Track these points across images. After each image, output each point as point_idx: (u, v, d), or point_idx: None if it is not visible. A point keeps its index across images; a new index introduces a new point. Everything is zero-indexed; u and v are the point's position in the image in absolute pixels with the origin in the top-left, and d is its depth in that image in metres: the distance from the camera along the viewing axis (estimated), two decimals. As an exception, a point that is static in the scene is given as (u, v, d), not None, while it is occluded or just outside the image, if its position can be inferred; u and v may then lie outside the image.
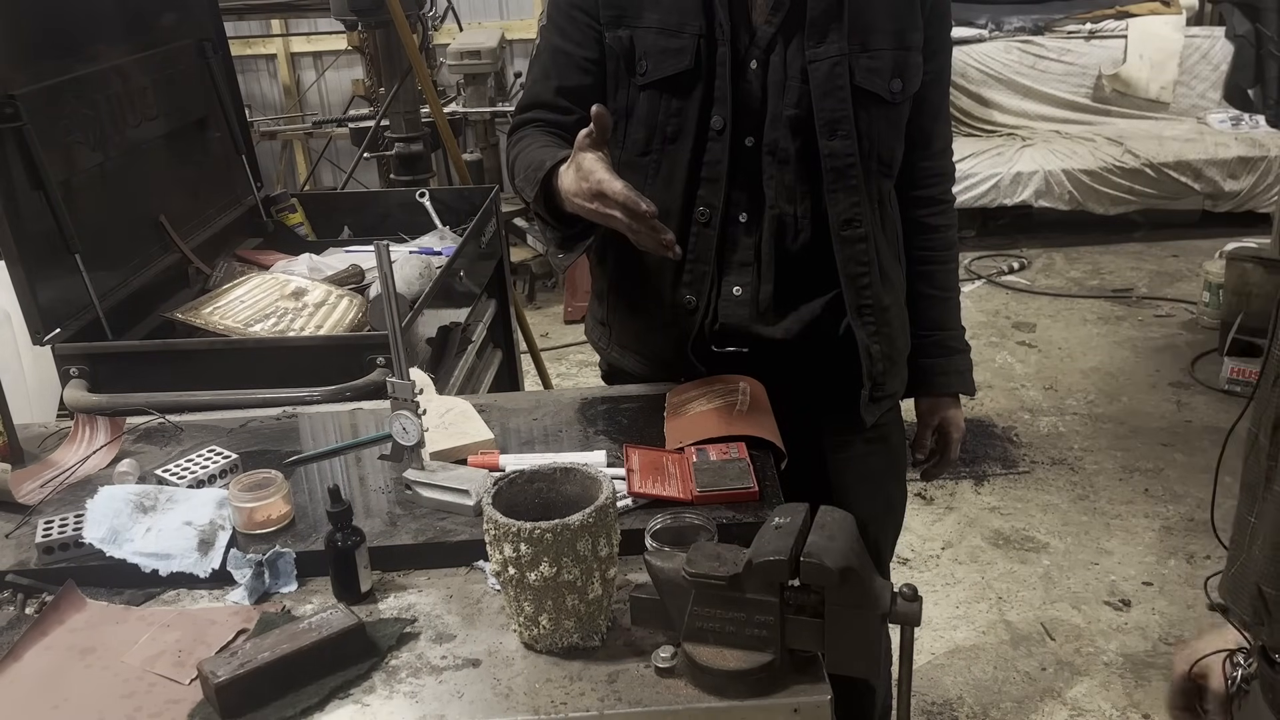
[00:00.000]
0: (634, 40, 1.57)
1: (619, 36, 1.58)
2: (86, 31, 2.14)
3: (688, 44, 1.54)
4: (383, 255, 1.33)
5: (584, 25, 1.60)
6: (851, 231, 1.59)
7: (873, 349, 1.64)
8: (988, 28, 6.19)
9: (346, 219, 2.80)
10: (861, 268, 1.61)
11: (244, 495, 1.34)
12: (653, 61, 1.56)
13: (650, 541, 1.18)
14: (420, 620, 1.22)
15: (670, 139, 1.58)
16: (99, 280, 2.01)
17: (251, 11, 5.34)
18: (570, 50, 1.62)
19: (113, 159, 2.15)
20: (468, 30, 5.52)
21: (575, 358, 4.83)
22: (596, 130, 1.35)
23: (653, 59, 1.56)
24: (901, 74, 1.58)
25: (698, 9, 1.54)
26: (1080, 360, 4.50)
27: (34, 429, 1.72)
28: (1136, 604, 2.96)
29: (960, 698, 2.65)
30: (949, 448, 1.83)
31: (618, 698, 1.07)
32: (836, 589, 1.02)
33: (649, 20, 1.56)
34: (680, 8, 1.55)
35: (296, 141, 6.54)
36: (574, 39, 1.61)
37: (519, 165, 1.59)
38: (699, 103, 1.55)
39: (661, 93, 1.57)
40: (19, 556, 1.34)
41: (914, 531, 3.32)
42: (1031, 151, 5.75)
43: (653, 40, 1.56)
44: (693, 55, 1.54)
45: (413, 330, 1.97)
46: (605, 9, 1.58)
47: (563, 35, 1.62)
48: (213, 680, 1.06)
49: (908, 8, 1.58)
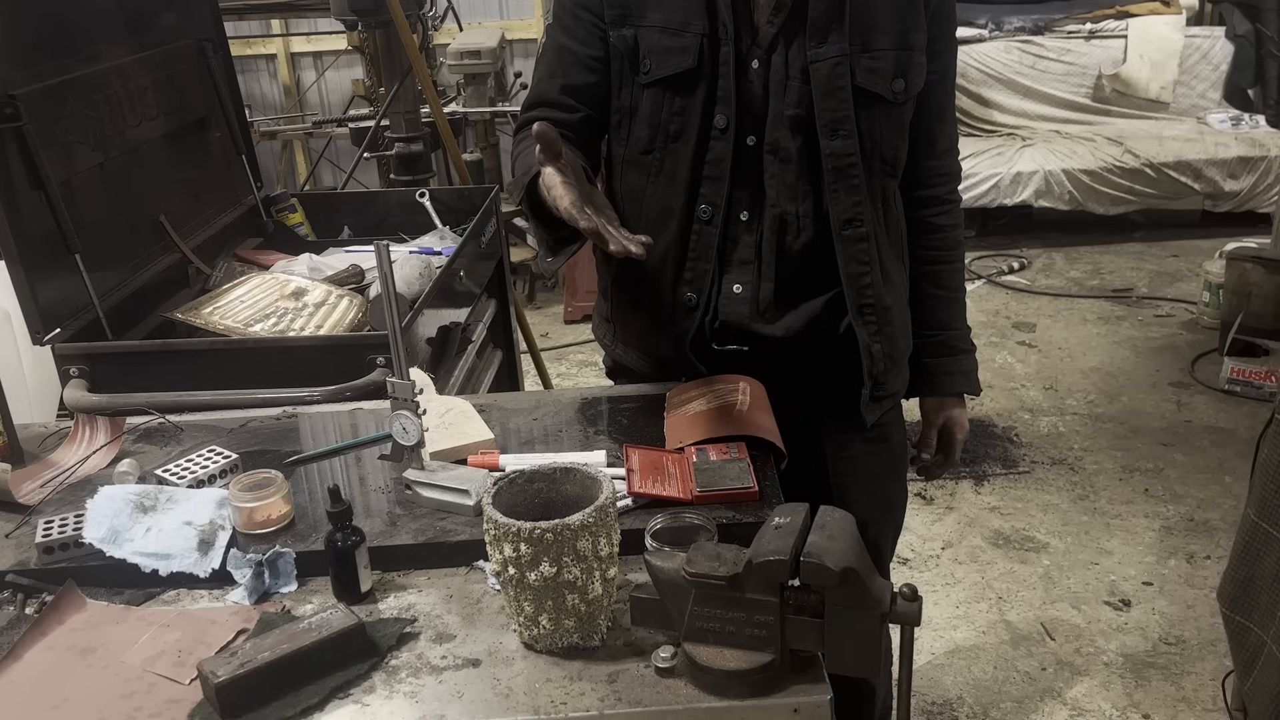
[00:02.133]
0: (638, 39, 1.57)
1: (623, 35, 1.58)
2: (86, 31, 2.14)
3: (691, 43, 1.54)
4: (383, 255, 1.33)
5: (589, 24, 1.61)
6: (853, 231, 1.59)
7: (874, 348, 1.64)
8: (988, 28, 6.19)
9: (346, 219, 2.80)
10: (863, 267, 1.61)
11: (244, 495, 1.34)
12: (656, 60, 1.57)
13: (650, 541, 1.18)
14: (420, 620, 1.22)
15: (673, 137, 1.59)
16: (99, 280, 2.01)
17: (251, 11, 5.34)
18: (575, 48, 1.63)
19: (113, 159, 2.15)
20: (468, 30, 5.52)
21: (575, 358, 4.83)
22: (543, 147, 1.35)
23: (656, 57, 1.57)
24: (904, 74, 1.58)
25: (701, 8, 1.54)
26: (1080, 360, 4.50)
27: (34, 429, 1.72)
28: (1136, 604, 2.96)
29: (960, 698, 2.66)
30: (952, 448, 1.83)
31: (618, 698, 1.07)
32: (836, 589, 1.02)
33: (653, 19, 1.57)
34: (684, 7, 1.55)
35: (296, 141, 6.54)
36: (579, 37, 1.62)
37: (516, 167, 1.61)
38: (702, 101, 1.56)
39: (665, 91, 1.58)
40: (19, 556, 1.34)
41: (914, 531, 3.32)
42: (1031, 151, 5.75)
43: (656, 39, 1.56)
44: (696, 54, 1.54)
45: (413, 330, 1.97)
46: (610, 8, 1.59)
47: (568, 34, 1.63)
48: (213, 680, 1.06)
49: (910, 8, 1.58)
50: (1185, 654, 2.76)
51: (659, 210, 1.62)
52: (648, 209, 1.63)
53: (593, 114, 1.65)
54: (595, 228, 1.30)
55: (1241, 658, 1.57)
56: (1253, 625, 1.51)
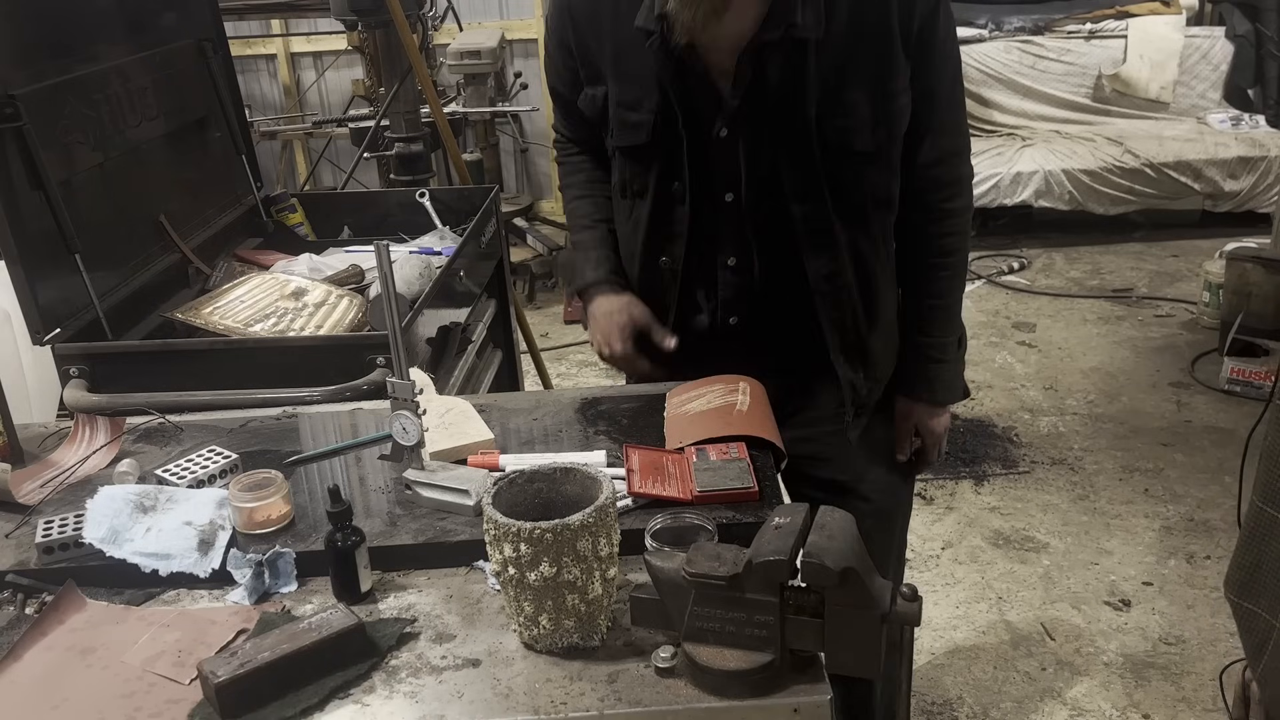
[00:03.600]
0: (606, 100, 1.64)
1: (592, 96, 1.65)
2: (86, 31, 2.14)
3: (645, 119, 1.59)
4: (383, 255, 1.33)
5: (567, 69, 1.68)
6: (831, 285, 1.61)
7: (856, 383, 1.68)
8: (988, 28, 6.19)
9: (346, 219, 2.80)
10: (845, 314, 1.64)
11: (244, 495, 1.34)
12: (616, 128, 1.63)
13: (650, 542, 1.18)
14: (420, 620, 1.22)
15: (638, 194, 1.66)
16: (99, 280, 2.01)
17: (251, 11, 5.33)
18: (563, 92, 1.73)
19: (113, 159, 2.15)
20: (468, 30, 5.51)
21: (575, 358, 4.83)
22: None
23: (616, 127, 1.63)
24: (886, 121, 1.55)
25: (654, 86, 1.56)
26: (1080, 360, 4.50)
27: (34, 429, 1.72)
28: (1136, 604, 2.96)
29: (960, 698, 2.65)
30: (925, 450, 1.83)
31: (618, 698, 1.07)
32: (836, 589, 1.02)
33: (612, 91, 1.62)
34: (639, 83, 1.58)
35: (296, 141, 6.54)
36: (565, 81, 1.71)
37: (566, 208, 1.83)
38: (659, 171, 1.61)
39: (625, 157, 1.65)
40: (19, 556, 1.34)
41: (914, 531, 3.31)
42: (1031, 151, 5.75)
43: (616, 110, 1.62)
44: (649, 130, 1.59)
45: (413, 330, 1.97)
46: (583, 66, 1.65)
47: (556, 77, 1.72)
48: (213, 680, 1.06)
49: (885, 50, 1.52)
50: (1185, 654, 2.76)
51: (631, 248, 1.72)
52: (627, 243, 1.73)
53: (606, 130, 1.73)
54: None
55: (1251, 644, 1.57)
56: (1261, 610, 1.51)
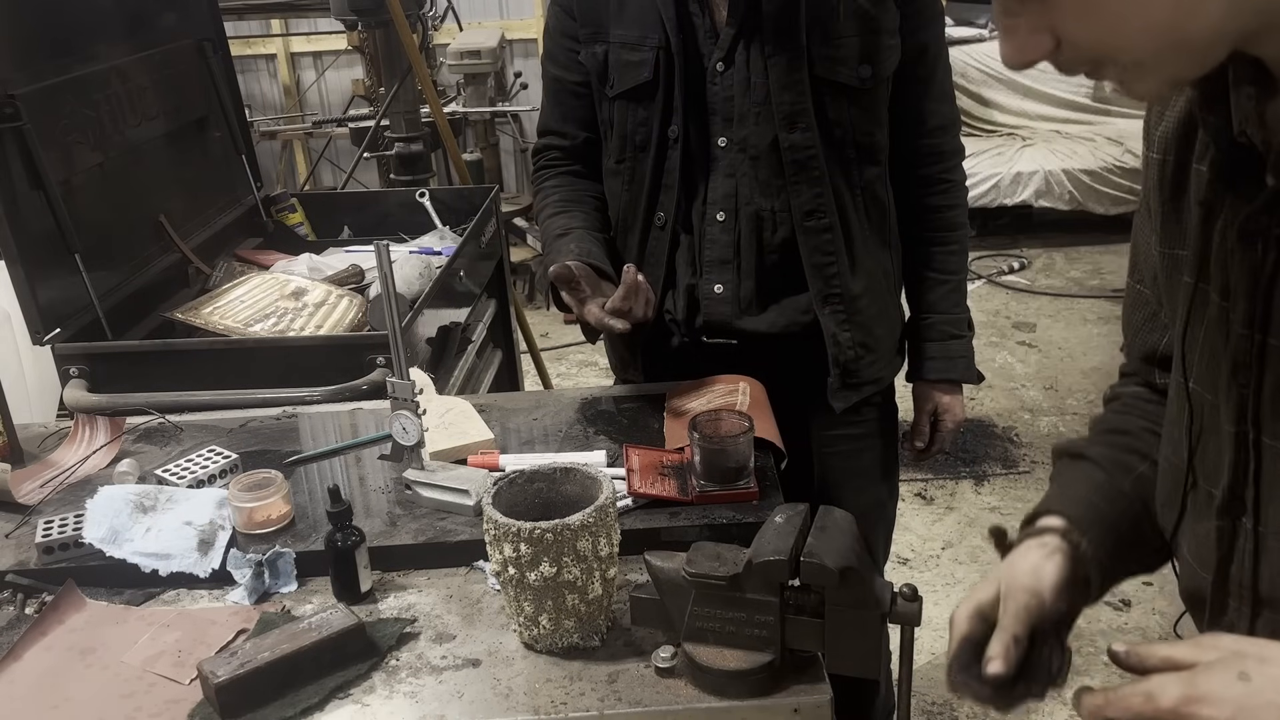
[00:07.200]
0: (607, 55, 1.64)
1: (594, 53, 1.66)
2: (86, 31, 2.14)
3: (648, 56, 1.60)
4: (383, 255, 1.33)
5: (570, 50, 1.69)
6: (815, 222, 1.61)
7: (840, 336, 1.66)
8: (988, 28, 6.19)
9: (346, 219, 2.80)
10: (827, 258, 1.63)
11: (244, 495, 1.34)
12: (619, 74, 1.64)
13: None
14: (420, 620, 1.22)
15: (640, 147, 1.66)
16: (99, 280, 2.01)
17: (251, 11, 5.33)
18: (563, 77, 1.72)
19: (113, 159, 2.15)
20: (468, 30, 5.51)
21: (575, 358, 4.83)
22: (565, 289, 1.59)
23: (619, 72, 1.64)
24: (870, 58, 1.57)
25: (656, 22, 1.59)
26: (1080, 360, 4.50)
27: (34, 429, 1.72)
28: (1136, 604, 2.96)
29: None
30: (940, 435, 1.82)
31: (618, 698, 1.07)
32: (837, 589, 1.02)
33: (616, 35, 1.63)
34: (641, 21, 1.60)
35: (296, 141, 6.53)
36: (565, 65, 1.71)
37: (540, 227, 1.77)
38: (660, 112, 1.62)
39: (629, 104, 1.65)
40: (19, 556, 1.34)
41: (914, 532, 3.31)
42: (1031, 151, 5.75)
43: (619, 54, 1.63)
44: (652, 68, 1.60)
45: (413, 330, 1.97)
46: (583, 28, 1.66)
47: (556, 64, 1.72)
48: (213, 680, 1.06)
49: None
50: (1185, 654, 2.75)
51: (630, 217, 1.70)
52: (624, 216, 1.71)
53: (592, 136, 1.74)
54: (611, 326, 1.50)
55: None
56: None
